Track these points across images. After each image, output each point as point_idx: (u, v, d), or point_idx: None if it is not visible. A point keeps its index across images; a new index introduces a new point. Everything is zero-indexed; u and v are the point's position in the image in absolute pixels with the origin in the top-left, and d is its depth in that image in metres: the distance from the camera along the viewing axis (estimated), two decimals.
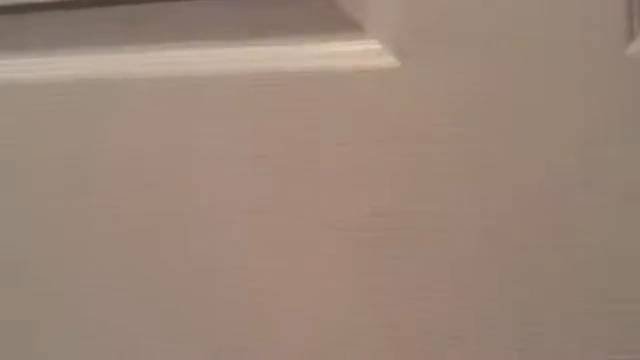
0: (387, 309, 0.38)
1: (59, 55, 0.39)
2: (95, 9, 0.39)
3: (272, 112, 0.36)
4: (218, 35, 0.37)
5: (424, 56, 0.33)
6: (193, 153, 0.38)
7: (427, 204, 0.35)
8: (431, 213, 0.36)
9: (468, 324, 0.37)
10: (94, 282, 0.42)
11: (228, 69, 0.37)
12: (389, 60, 0.34)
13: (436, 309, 0.37)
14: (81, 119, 0.39)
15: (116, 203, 0.40)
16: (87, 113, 0.39)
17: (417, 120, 0.34)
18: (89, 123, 0.39)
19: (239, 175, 0.38)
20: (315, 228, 0.38)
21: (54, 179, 0.41)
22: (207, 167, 0.38)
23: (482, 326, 0.37)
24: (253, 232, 0.39)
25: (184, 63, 0.37)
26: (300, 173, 0.37)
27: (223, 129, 0.37)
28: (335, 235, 0.38)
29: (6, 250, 0.44)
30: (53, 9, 0.39)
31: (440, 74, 0.33)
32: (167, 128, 0.38)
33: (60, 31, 0.39)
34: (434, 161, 0.35)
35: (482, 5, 0.32)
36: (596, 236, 0.34)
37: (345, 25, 0.34)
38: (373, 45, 0.34)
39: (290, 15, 0.36)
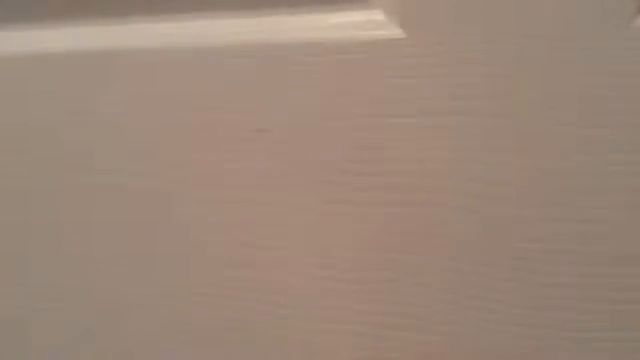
0: (387, 289, 0.38)
1: (62, 27, 0.39)
2: None
3: (274, 85, 0.36)
4: (221, 6, 0.36)
5: (430, 27, 0.32)
6: (194, 126, 0.38)
7: (430, 179, 0.35)
8: (434, 188, 0.35)
9: (467, 319, 0.37)
10: (94, 266, 0.42)
11: (230, 41, 0.36)
12: (394, 31, 0.33)
13: (435, 292, 0.37)
14: (83, 91, 0.39)
15: (117, 179, 0.40)
16: (90, 85, 0.39)
17: (421, 93, 0.34)
18: (91, 95, 0.39)
19: (240, 149, 0.37)
20: (316, 203, 0.37)
21: (54, 154, 0.41)
22: (208, 140, 0.38)
23: (482, 319, 0.37)
24: (253, 206, 0.38)
25: (186, 35, 0.37)
26: (302, 147, 0.37)
27: (225, 102, 0.37)
28: (337, 210, 0.37)
29: (2, 235, 0.44)
30: None
31: (446, 46, 0.33)
32: (168, 101, 0.38)
33: (64, 1, 0.39)
34: (437, 134, 0.34)
35: None
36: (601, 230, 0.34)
37: None
38: (377, 16, 0.33)
39: None
